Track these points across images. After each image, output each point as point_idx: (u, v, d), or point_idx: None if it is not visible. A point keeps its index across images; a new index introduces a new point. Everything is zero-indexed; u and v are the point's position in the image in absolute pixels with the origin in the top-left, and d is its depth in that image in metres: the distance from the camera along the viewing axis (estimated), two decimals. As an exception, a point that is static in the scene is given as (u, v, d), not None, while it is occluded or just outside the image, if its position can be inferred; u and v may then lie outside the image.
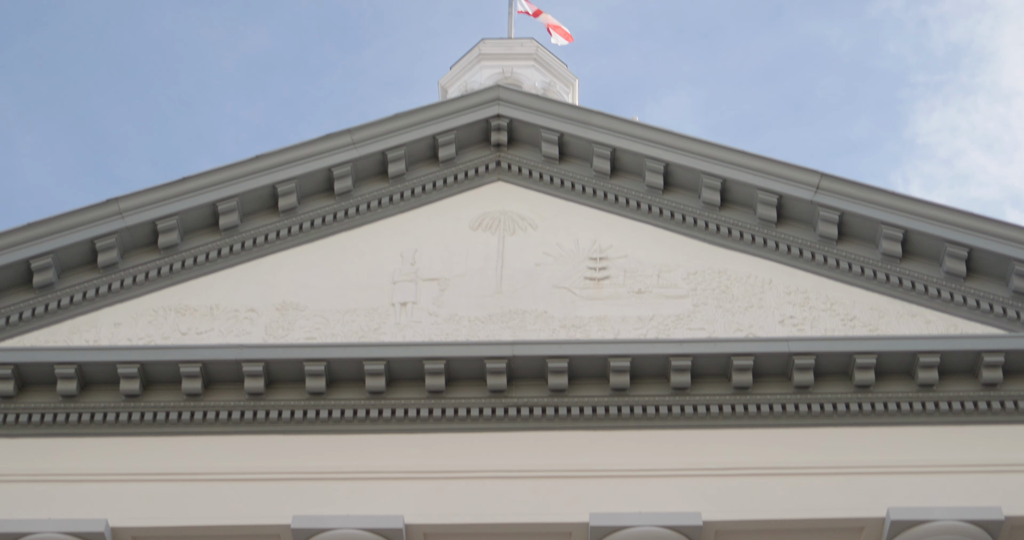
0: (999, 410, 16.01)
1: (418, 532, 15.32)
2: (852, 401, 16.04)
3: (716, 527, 15.25)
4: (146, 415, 16.11)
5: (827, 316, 16.87)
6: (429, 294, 17.25)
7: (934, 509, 15.06)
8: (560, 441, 15.94)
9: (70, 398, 16.19)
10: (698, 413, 16.04)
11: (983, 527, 15.02)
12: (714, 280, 17.28)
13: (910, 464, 15.62)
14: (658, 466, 15.66)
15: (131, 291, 17.37)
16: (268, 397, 16.18)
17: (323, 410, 16.13)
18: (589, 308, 17.01)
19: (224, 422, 16.12)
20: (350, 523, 15.11)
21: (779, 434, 15.93)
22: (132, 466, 15.76)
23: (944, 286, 17.03)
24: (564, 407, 16.08)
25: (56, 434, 16.12)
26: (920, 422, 16.01)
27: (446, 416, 16.09)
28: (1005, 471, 15.53)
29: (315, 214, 18.07)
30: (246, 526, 15.32)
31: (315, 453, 15.87)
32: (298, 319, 17.02)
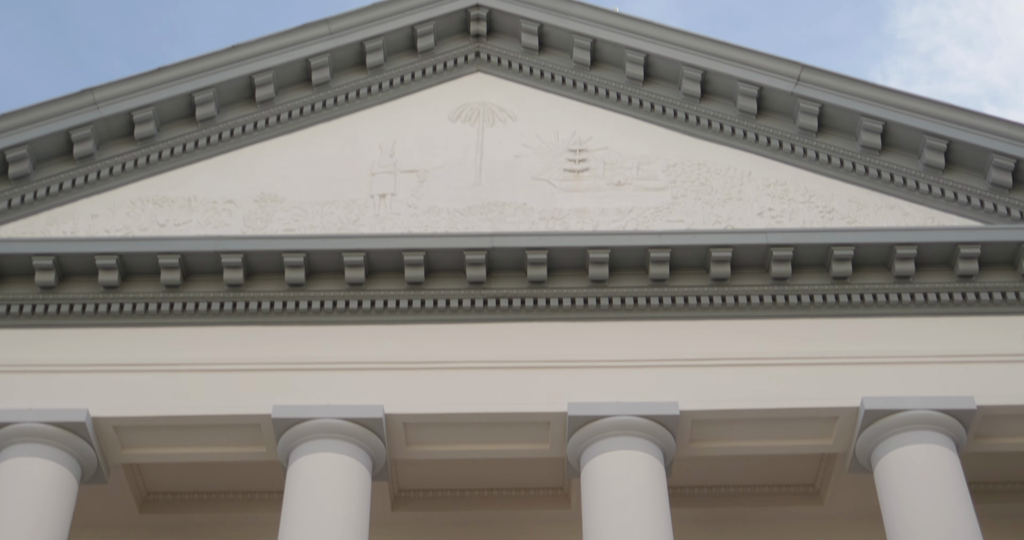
0: (974, 302, 16.14)
1: (397, 422, 15.44)
2: (829, 292, 16.14)
3: (693, 416, 15.41)
4: (125, 306, 16.12)
5: (805, 208, 16.91)
6: (408, 186, 17.21)
7: (907, 399, 15.24)
8: (539, 332, 16.03)
9: (48, 289, 16.18)
10: (676, 304, 16.13)
11: (956, 417, 15.22)
12: (693, 172, 17.28)
13: (885, 355, 15.77)
14: (636, 357, 15.78)
15: (108, 182, 17.29)
16: (247, 288, 16.19)
17: (302, 301, 16.16)
18: (568, 200, 17.01)
19: (203, 313, 16.14)
20: (330, 413, 15.20)
21: (756, 325, 16.05)
22: (112, 357, 15.80)
23: (922, 178, 17.07)
24: (543, 298, 16.14)
25: (35, 325, 16.13)
26: (896, 313, 16.14)
27: (425, 307, 16.15)
28: (979, 362, 15.70)
29: (293, 105, 17.95)
30: (226, 416, 15.41)
31: (295, 344, 15.93)
32: (277, 211, 16.99)
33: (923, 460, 14.89)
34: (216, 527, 17.26)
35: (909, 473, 14.80)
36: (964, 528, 14.33)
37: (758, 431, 15.60)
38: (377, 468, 15.46)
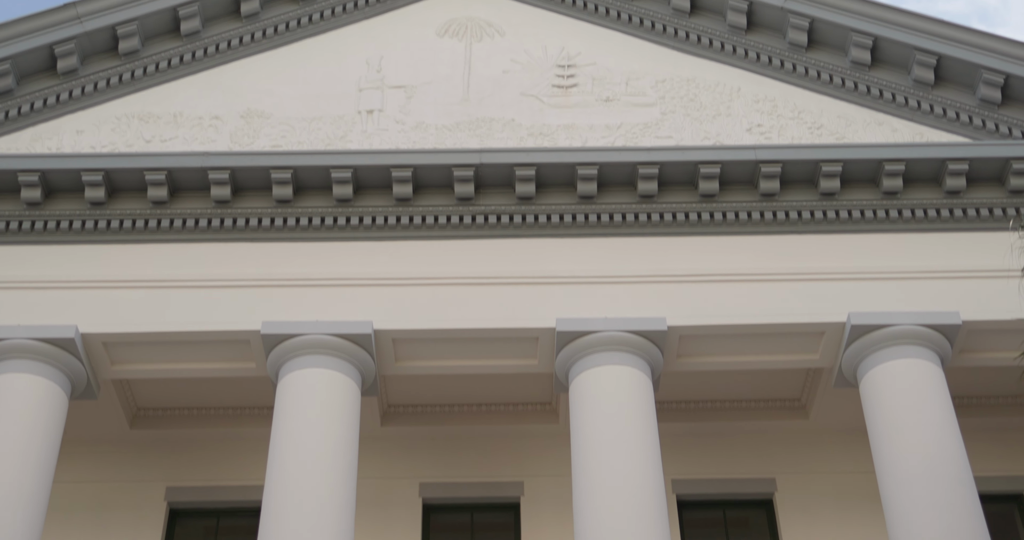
0: (961, 217, 16.18)
1: (386, 337, 15.50)
2: (817, 209, 16.16)
3: (680, 332, 15.49)
4: (112, 223, 16.07)
5: (794, 124, 16.88)
6: (395, 102, 17.11)
7: (894, 314, 15.33)
8: (527, 248, 16.05)
9: (35, 206, 16.12)
10: (664, 220, 16.14)
11: (941, 331, 15.32)
12: (682, 88, 17.21)
13: (872, 271, 15.83)
14: (624, 272, 15.82)
15: (93, 98, 17.15)
16: (235, 205, 16.15)
17: (291, 218, 16.13)
18: (557, 116, 16.94)
19: (191, 230, 16.11)
20: (319, 329, 15.25)
21: (744, 241, 16.09)
22: (101, 273, 15.78)
23: (912, 94, 17.03)
24: (531, 215, 16.14)
25: (22, 242, 16.08)
26: (883, 229, 16.19)
27: (414, 224, 16.14)
28: (964, 277, 15.78)
29: (279, 20, 17.78)
30: (216, 332, 15.43)
31: (283, 260, 15.93)
32: (263, 127, 16.90)
33: (908, 374, 15.01)
34: (206, 442, 17.37)
35: (894, 387, 14.92)
36: (948, 441, 14.48)
37: (745, 346, 15.69)
38: (366, 383, 15.54)
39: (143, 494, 16.97)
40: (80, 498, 16.93)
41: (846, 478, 17.16)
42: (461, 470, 17.16)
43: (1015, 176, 16.09)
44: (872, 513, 16.90)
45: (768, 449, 17.38)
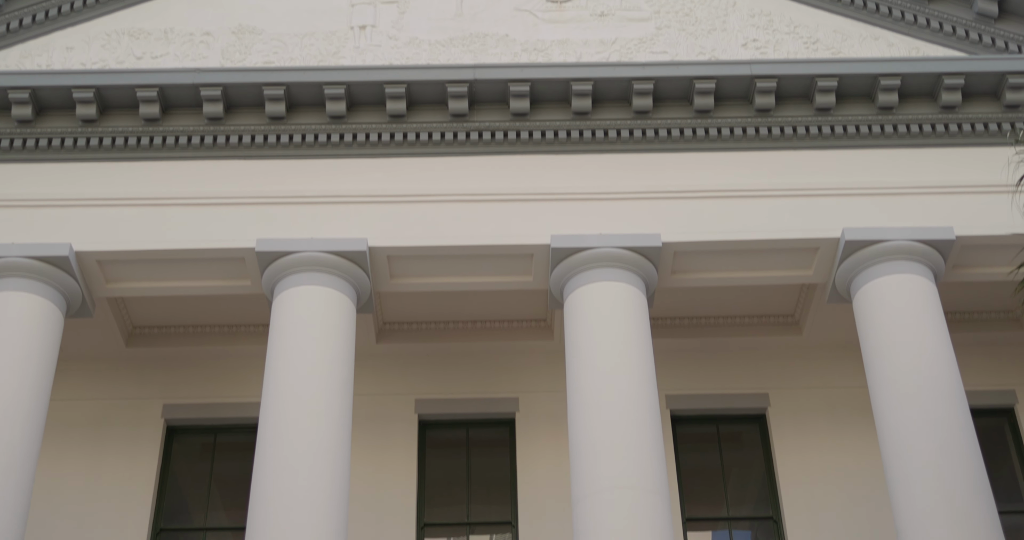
0: (956, 133, 16.15)
1: (381, 255, 15.50)
2: (812, 124, 16.12)
3: (675, 248, 15.51)
4: (104, 140, 15.99)
5: (790, 39, 16.77)
6: (388, 17, 16.96)
7: (887, 229, 15.35)
8: (522, 165, 16.01)
9: (26, 123, 16.03)
10: (659, 136, 16.09)
11: (935, 247, 15.36)
12: (677, 2, 17.07)
13: (866, 186, 15.83)
14: (619, 189, 15.81)
15: (82, 14, 16.98)
16: (228, 122, 16.06)
17: (283, 135, 16.06)
18: (551, 31, 16.81)
19: (184, 147, 16.04)
20: (314, 246, 15.24)
21: (739, 157, 16.06)
22: (94, 191, 15.73)
23: (908, 8, 16.91)
24: (526, 131, 16.08)
25: (14, 160, 16.00)
26: (878, 145, 16.16)
27: (408, 140, 16.08)
28: (959, 192, 15.78)
29: (269, -66, 17.56)
30: (210, 250, 15.43)
31: (277, 178, 15.88)
32: (255, 43, 16.76)
33: (901, 290, 15.06)
34: (202, 360, 17.45)
35: (887, 302, 14.98)
36: (940, 356, 14.58)
37: (739, 262, 15.73)
38: (361, 301, 15.57)
39: (140, 411, 17.08)
40: (77, 415, 17.04)
41: (838, 393, 17.30)
42: (457, 386, 17.28)
43: (1011, 90, 16.03)
44: (864, 427, 17.06)
45: (761, 364, 17.49)
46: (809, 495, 16.52)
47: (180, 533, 16.49)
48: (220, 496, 16.78)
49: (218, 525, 16.51)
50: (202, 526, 16.51)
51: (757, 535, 16.56)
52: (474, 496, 16.78)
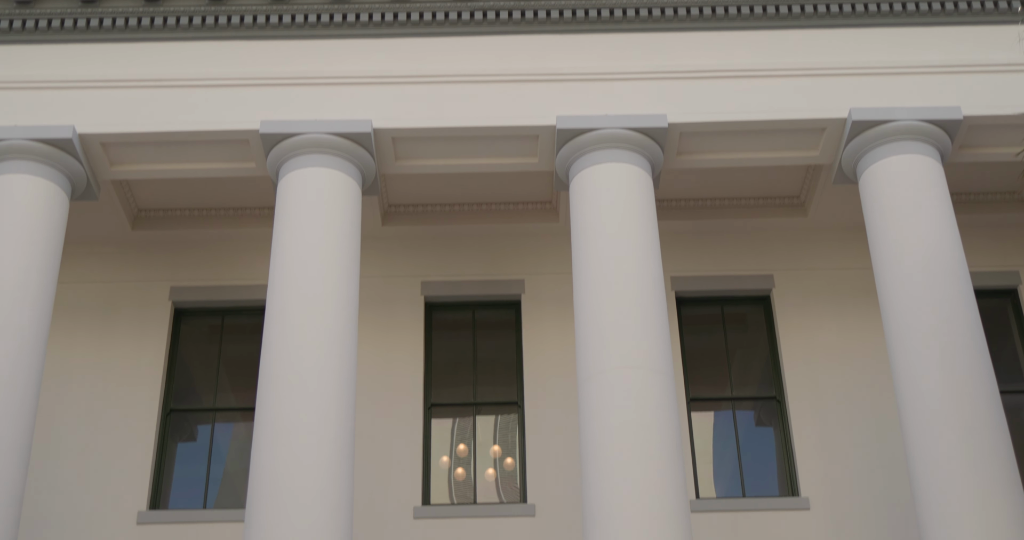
0: (965, 10, 15.96)
1: (386, 136, 15.43)
2: (820, 3, 15.91)
3: (681, 129, 15.43)
4: (106, 21, 15.82)
5: (799, -84, 16.49)
6: None
7: (895, 109, 15.25)
8: (528, 45, 15.85)
9: (24, 4, 15.84)
10: (666, 16, 15.91)
11: (942, 127, 15.27)
12: None
13: (874, 66, 15.69)
14: (625, 69, 15.67)
15: None
16: (230, 2, 15.87)
17: (287, 15, 15.88)
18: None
19: (186, 28, 15.88)
20: (318, 128, 15.17)
21: (746, 36, 15.89)
22: (96, 73, 15.61)
23: None
24: (531, 10, 15.89)
25: (15, 41, 15.85)
26: (887, 23, 15.97)
27: (412, 20, 15.90)
28: (967, 72, 15.64)
29: None
30: (214, 132, 15.35)
31: (281, 59, 15.74)
32: (255, -79, 16.50)
33: (908, 170, 15.02)
34: (209, 242, 17.48)
35: (893, 183, 14.94)
36: (945, 236, 14.58)
37: (745, 143, 15.66)
38: (367, 183, 15.55)
39: (147, 294, 17.17)
40: (85, 298, 17.13)
41: (843, 274, 17.35)
42: (462, 268, 17.34)
43: (1022, -33, 15.82)
44: (868, 309, 17.14)
45: (766, 246, 17.52)
46: (812, 376, 16.67)
47: (189, 414, 16.68)
48: (228, 378, 16.94)
49: (227, 406, 16.70)
50: (211, 407, 16.70)
51: (760, 415, 16.74)
52: (480, 377, 16.93)
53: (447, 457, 16.39)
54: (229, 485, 16.22)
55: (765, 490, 16.21)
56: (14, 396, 13.57)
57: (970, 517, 12.69)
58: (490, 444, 16.51)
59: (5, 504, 12.89)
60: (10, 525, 12.90)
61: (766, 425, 16.66)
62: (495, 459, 16.43)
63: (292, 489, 12.81)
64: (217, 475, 16.28)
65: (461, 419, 16.64)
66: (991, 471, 12.94)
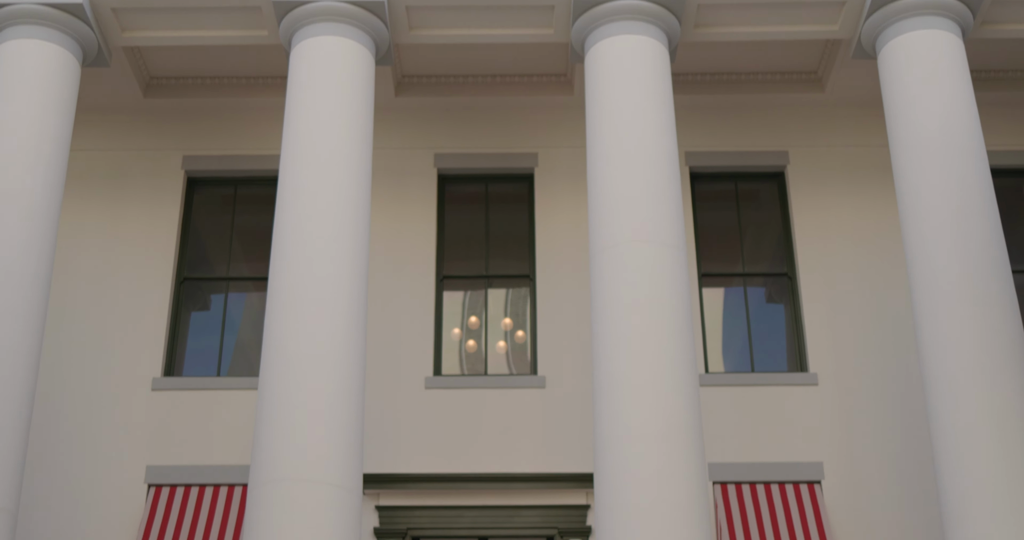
0: None
1: (400, 5, 15.23)
2: None
3: (699, 0, 15.21)
4: None
5: None
6: None
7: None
8: (544, -87, 15.55)
9: None
10: None
11: (963, 1, 15.01)
12: None
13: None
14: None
15: None
16: None
17: None
18: None
19: None
20: (332, -6, 14.98)
21: (768, -94, 15.58)
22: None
23: None
24: None
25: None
26: None
27: None
28: (993, -55, 15.35)
29: None
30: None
31: (293, -76, 15.48)
32: None
33: (929, 45, 14.81)
34: (221, 111, 17.39)
35: (913, 58, 14.75)
36: (963, 114, 14.44)
37: (764, 16, 15.43)
38: (380, 52, 15.39)
39: (160, 163, 17.14)
40: (98, 166, 17.12)
41: (859, 152, 17.25)
42: (476, 141, 17.26)
43: None
44: (882, 187, 17.07)
45: (782, 122, 17.39)
46: (824, 253, 16.67)
47: (203, 283, 16.77)
48: (241, 248, 16.99)
49: (240, 275, 16.78)
50: (224, 276, 16.78)
51: (771, 292, 16.78)
52: (492, 250, 16.97)
53: (458, 329, 16.50)
54: (242, 355, 16.38)
55: (774, 366, 16.33)
56: (28, 262, 13.63)
57: (979, 394, 12.78)
58: (501, 317, 16.61)
59: (23, 368, 13.04)
60: (27, 391, 13.06)
61: (776, 302, 16.72)
62: (506, 332, 16.55)
63: (305, 358, 12.92)
64: (230, 345, 16.43)
65: (473, 292, 16.72)
66: (1001, 349, 12.99)
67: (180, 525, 15.13)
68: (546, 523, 15.29)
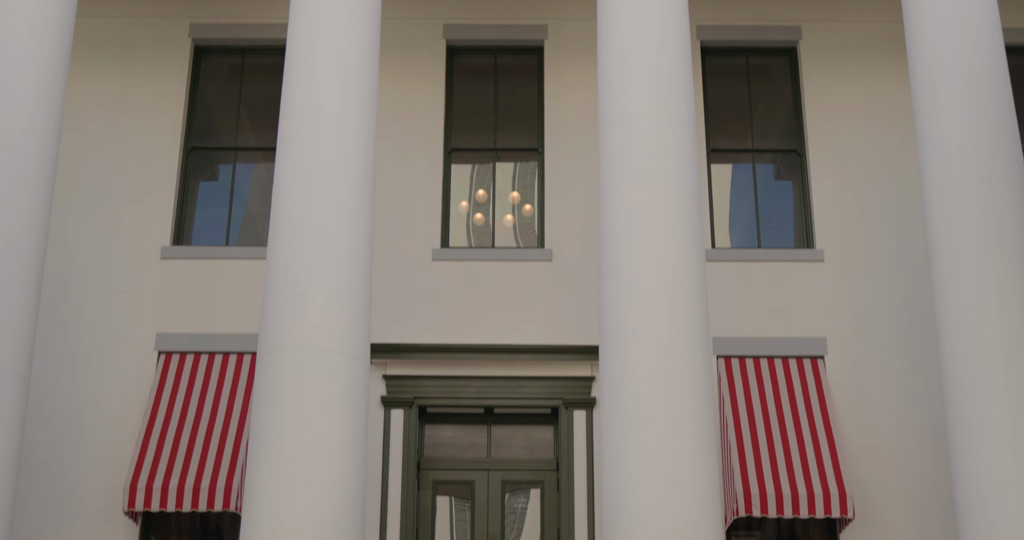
0: None
1: None
2: None
3: None
4: None
5: None
6: None
7: None
8: None
9: None
10: None
11: None
12: None
13: None
14: None
15: None
16: None
17: None
18: None
19: None
20: None
21: None
22: None
23: None
24: None
25: None
26: None
27: None
28: None
29: None
30: None
31: None
32: None
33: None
34: (228, -20, 17.21)
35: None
36: (980, -12, 14.27)
37: None
38: (390, -81, 15.16)
39: (167, 30, 17.00)
40: (104, 33, 16.97)
41: (872, 27, 17.06)
42: (485, 12, 17.08)
43: None
44: (896, 64, 16.93)
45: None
46: (834, 130, 16.59)
47: (211, 153, 16.75)
48: (249, 118, 16.93)
49: (248, 145, 16.75)
50: (232, 146, 16.75)
51: (780, 169, 16.75)
52: (501, 124, 16.90)
53: (466, 202, 16.52)
54: (251, 225, 16.43)
55: (780, 242, 16.37)
56: (35, 128, 13.58)
57: (985, 270, 12.82)
58: (509, 190, 16.62)
59: (31, 233, 13.08)
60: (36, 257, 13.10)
61: (785, 179, 16.70)
62: (513, 205, 16.57)
63: (313, 228, 12.95)
64: (239, 215, 16.47)
65: (480, 165, 16.70)
66: (1009, 225, 13.00)
67: (190, 392, 15.35)
68: (551, 394, 15.50)
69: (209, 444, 14.91)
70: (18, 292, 12.67)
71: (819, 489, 14.47)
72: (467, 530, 15.35)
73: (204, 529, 15.26)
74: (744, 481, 14.58)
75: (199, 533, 15.25)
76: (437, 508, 15.42)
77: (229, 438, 14.97)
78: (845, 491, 14.43)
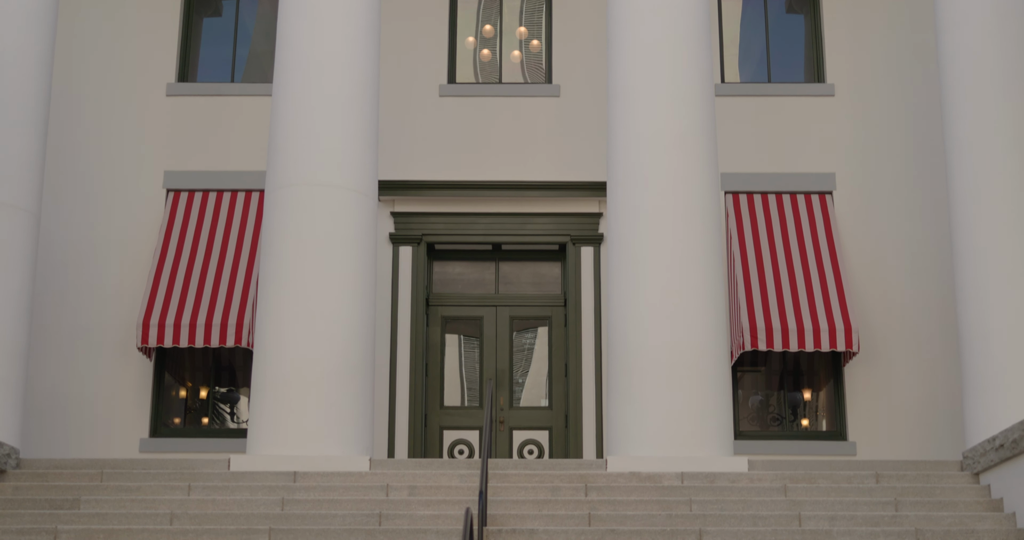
0: None
1: None
2: None
3: None
4: None
5: None
6: None
7: None
8: None
9: None
10: None
11: None
12: None
13: None
14: None
15: None
16: None
17: None
18: None
19: None
20: None
21: None
22: None
23: None
24: None
25: None
26: None
27: None
28: None
29: None
30: None
31: None
32: None
33: None
34: None
35: None
36: None
37: None
38: None
39: None
40: None
41: None
42: None
43: None
44: None
45: None
46: (848, -39, 16.31)
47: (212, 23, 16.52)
48: (252, -48, 16.67)
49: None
50: None
51: (791, 2, 16.49)
52: (508, -44, 16.62)
53: (473, 37, 16.32)
54: (256, 63, 16.27)
55: (791, 77, 16.20)
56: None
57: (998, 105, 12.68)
58: (516, 26, 16.39)
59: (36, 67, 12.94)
60: (42, 93, 12.98)
61: (796, 12, 16.44)
62: (521, 41, 16.36)
63: (319, 61, 12.78)
64: (243, 54, 16.30)
65: (487, 0, 16.47)
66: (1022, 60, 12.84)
67: (200, 229, 15.40)
68: (559, 230, 15.53)
69: (220, 281, 15.03)
70: (24, 130, 12.61)
71: (824, 323, 14.60)
72: (475, 366, 15.55)
73: (217, 364, 15.48)
74: (751, 315, 14.70)
75: (212, 368, 15.48)
76: (446, 344, 15.60)
77: (239, 275, 15.08)
78: (851, 325, 14.55)
